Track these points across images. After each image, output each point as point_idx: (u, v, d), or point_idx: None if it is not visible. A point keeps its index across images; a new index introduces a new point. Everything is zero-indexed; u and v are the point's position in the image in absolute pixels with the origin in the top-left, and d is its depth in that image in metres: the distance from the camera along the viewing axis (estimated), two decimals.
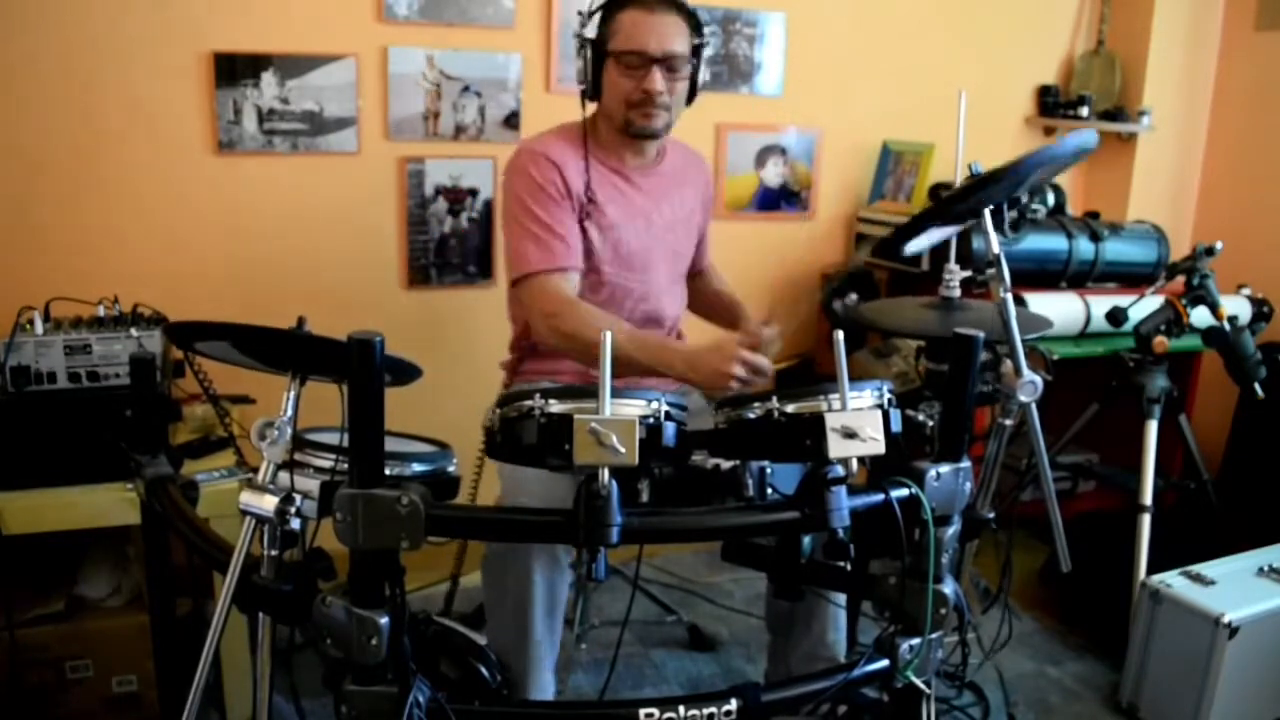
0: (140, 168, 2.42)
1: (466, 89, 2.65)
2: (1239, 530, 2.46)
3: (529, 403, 1.21)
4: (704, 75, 1.96)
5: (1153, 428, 2.42)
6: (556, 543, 1.70)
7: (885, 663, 1.35)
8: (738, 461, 1.42)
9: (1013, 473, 2.39)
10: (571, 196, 1.90)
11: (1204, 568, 2.21)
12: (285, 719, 1.76)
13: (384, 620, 1.16)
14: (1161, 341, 2.39)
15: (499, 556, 1.75)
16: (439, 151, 2.66)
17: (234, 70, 2.43)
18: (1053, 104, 3.31)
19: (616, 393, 1.16)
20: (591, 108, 1.98)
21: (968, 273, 1.88)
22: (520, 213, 1.90)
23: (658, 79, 1.87)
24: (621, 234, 1.97)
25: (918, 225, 1.77)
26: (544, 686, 1.77)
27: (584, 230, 1.93)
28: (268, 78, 2.46)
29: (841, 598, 1.86)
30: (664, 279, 2.07)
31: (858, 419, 1.22)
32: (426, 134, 2.64)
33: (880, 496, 1.28)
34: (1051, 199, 2.92)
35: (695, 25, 1.91)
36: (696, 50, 1.91)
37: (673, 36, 1.87)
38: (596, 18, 1.88)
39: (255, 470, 1.28)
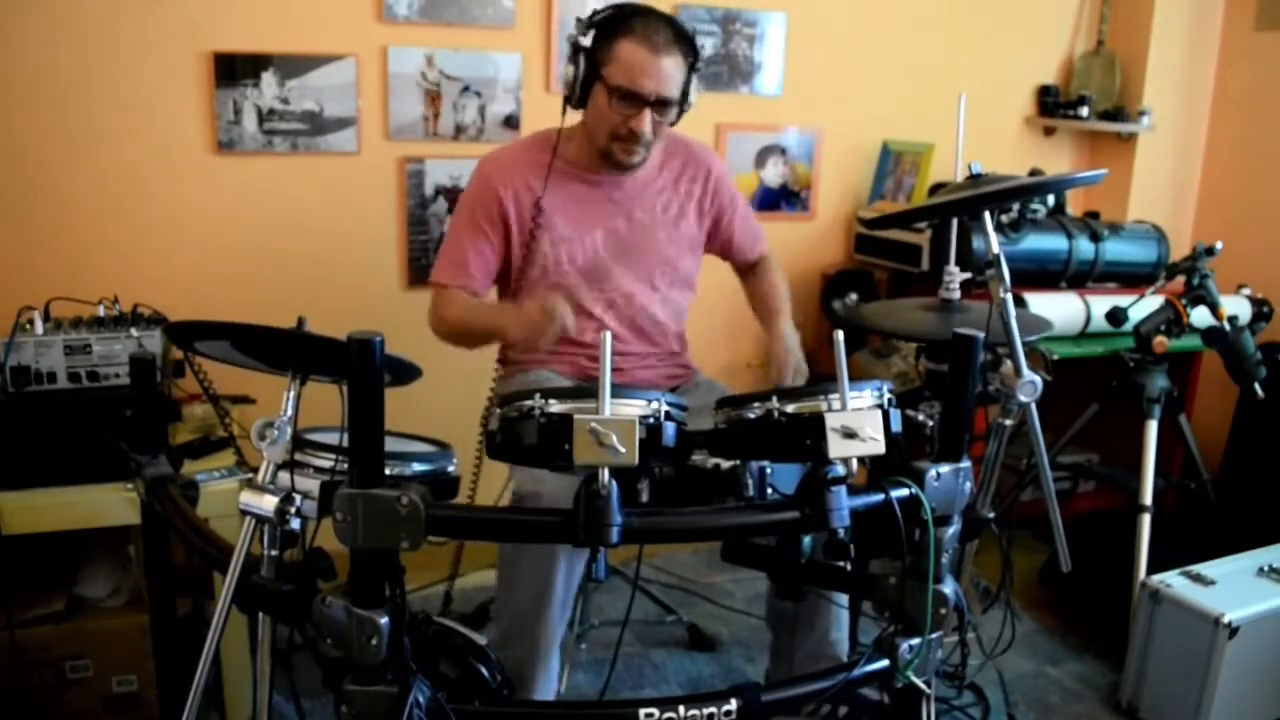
0: (140, 168, 2.42)
1: (466, 89, 2.65)
2: (1239, 530, 2.46)
3: (529, 403, 1.21)
4: (694, 94, 1.90)
5: (1153, 428, 2.42)
6: (557, 543, 1.70)
7: (885, 663, 1.35)
8: (738, 461, 1.42)
9: (1013, 473, 2.39)
10: (507, 223, 1.98)
11: (1204, 568, 2.21)
12: (285, 719, 1.76)
13: (384, 620, 1.16)
14: (1161, 341, 2.39)
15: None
16: (439, 151, 2.66)
17: (234, 70, 2.43)
18: (1053, 104, 3.31)
19: (616, 392, 1.17)
20: (572, 114, 1.96)
21: (967, 274, 1.88)
22: (455, 221, 2.06)
23: (647, 121, 1.86)
24: (576, 246, 1.99)
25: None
26: (550, 671, 1.80)
27: (534, 244, 1.97)
28: (268, 78, 2.46)
29: (843, 597, 1.86)
30: (641, 286, 2.06)
31: (858, 419, 1.22)
32: (426, 134, 2.64)
33: (880, 496, 1.28)
34: (1051, 199, 2.92)
35: (691, 50, 1.87)
36: (689, 71, 1.88)
37: (670, 79, 1.84)
38: (600, 31, 1.84)
39: (255, 470, 1.28)
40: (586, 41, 1.84)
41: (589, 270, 2.01)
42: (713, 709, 1.25)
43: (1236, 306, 2.50)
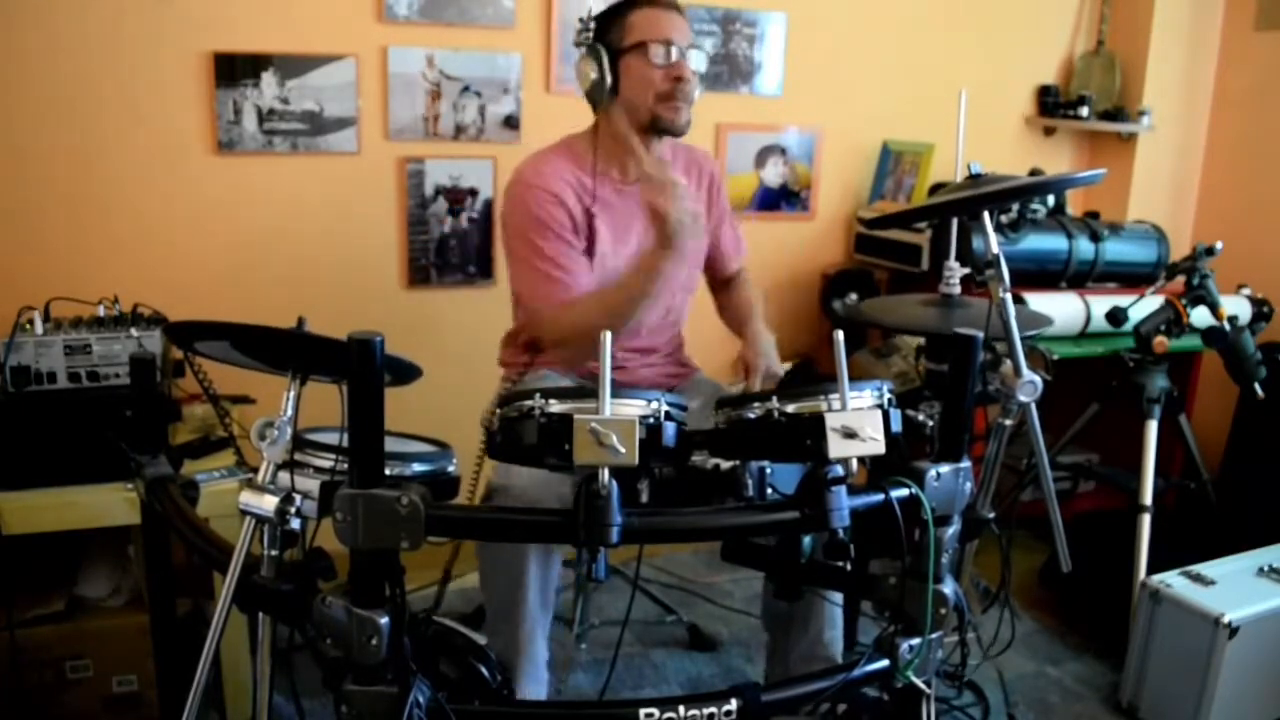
0: (140, 168, 2.42)
1: (466, 89, 2.65)
2: (1239, 530, 2.46)
3: (529, 403, 1.21)
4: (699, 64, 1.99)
5: (1153, 428, 2.42)
6: (557, 543, 1.71)
7: (885, 663, 1.35)
8: (738, 461, 1.42)
9: (1013, 473, 2.39)
10: (574, 223, 1.92)
11: (1204, 568, 2.21)
12: (285, 719, 1.76)
13: (384, 620, 1.16)
14: (1161, 341, 2.39)
15: None
16: (439, 151, 2.66)
17: (234, 70, 2.43)
18: (1053, 104, 3.31)
19: (616, 393, 1.17)
20: (587, 122, 1.97)
21: (967, 269, 1.88)
22: (523, 248, 1.92)
23: (687, 65, 1.90)
24: (608, 259, 1.97)
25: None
26: (535, 664, 1.80)
27: (589, 255, 1.94)
28: (268, 78, 2.46)
29: (837, 595, 1.86)
30: None
31: (858, 419, 1.22)
32: (426, 134, 2.64)
33: (880, 496, 1.28)
34: (1051, 199, 2.92)
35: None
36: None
37: (689, 32, 1.93)
38: (605, 21, 1.90)
39: (255, 470, 1.28)
40: (592, 36, 1.89)
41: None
42: (713, 709, 1.25)
43: (1236, 306, 2.50)
